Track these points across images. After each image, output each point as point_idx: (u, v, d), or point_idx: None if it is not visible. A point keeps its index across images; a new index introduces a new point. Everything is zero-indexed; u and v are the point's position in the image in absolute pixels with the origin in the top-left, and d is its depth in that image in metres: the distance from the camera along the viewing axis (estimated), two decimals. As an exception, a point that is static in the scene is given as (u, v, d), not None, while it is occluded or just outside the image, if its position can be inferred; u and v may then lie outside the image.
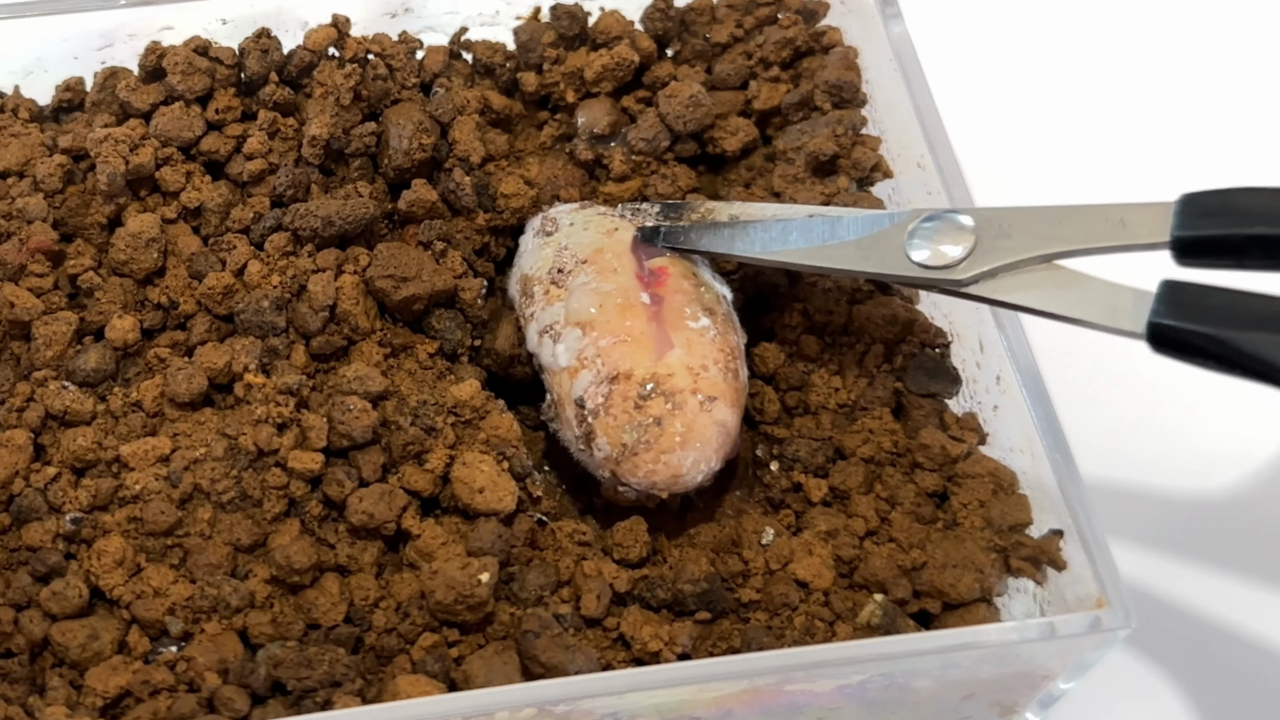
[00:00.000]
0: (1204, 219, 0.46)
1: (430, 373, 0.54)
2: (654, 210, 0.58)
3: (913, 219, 0.51)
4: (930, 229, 0.50)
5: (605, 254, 0.55)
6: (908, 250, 0.51)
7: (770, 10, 0.65)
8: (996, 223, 0.49)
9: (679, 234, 0.56)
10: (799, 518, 0.55)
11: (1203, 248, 0.46)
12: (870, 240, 0.52)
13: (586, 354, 0.53)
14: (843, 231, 0.52)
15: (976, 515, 0.53)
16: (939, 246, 0.50)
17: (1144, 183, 0.74)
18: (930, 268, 0.50)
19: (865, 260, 0.51)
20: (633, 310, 0.53)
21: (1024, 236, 0.49)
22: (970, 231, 0.50)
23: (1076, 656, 0.49)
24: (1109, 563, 0.49)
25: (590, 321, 0.53)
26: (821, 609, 0.51)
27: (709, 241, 0.55)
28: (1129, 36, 0.80)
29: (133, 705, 0.47)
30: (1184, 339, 0.45)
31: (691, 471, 0.52)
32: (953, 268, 0.50)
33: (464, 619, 0.49)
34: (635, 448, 0.52)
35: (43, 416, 0.52)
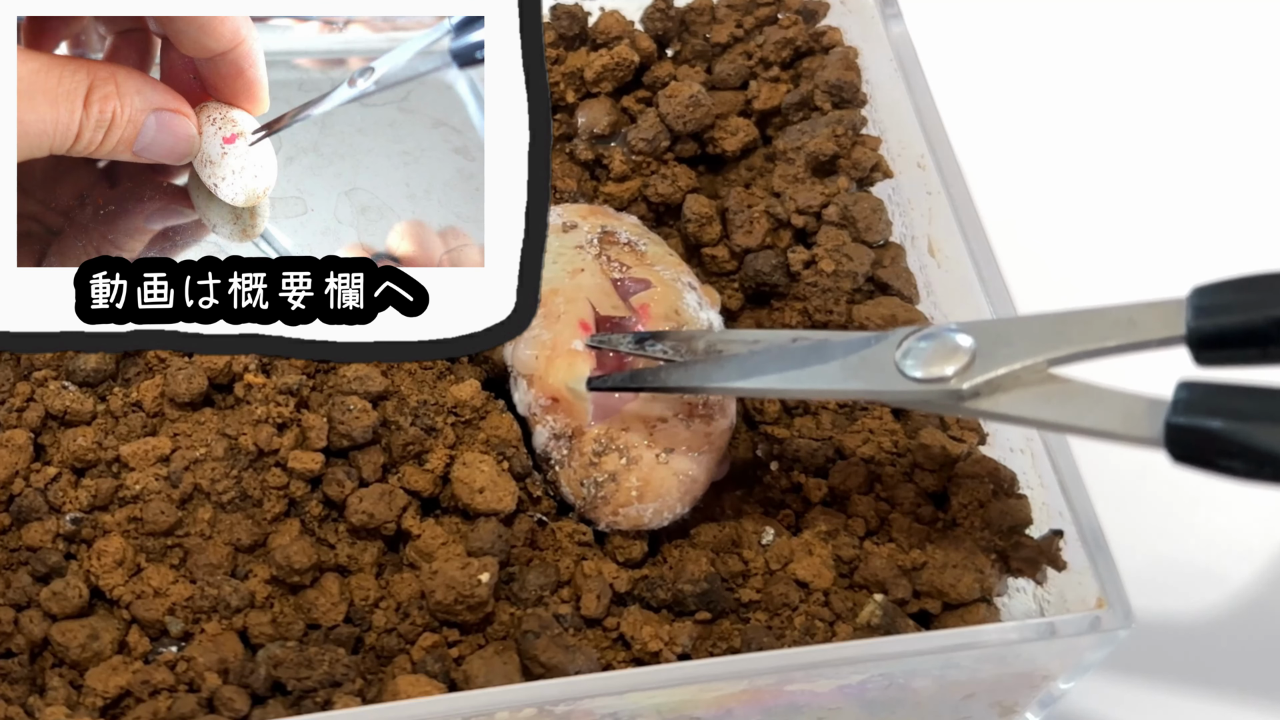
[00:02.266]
0: (1220, 308, 0.42)
1: (430, 373, 0.54)
2: (626, 341, 0.52)
3: (905, 336, 0.47)
4: (925, 347, 0.46)
5: (557, 296, 0.54)
6: (900, 366, 0.46)
7: (770, 10, 0.65)
8: (995, 332, 0.45)
9: (647, 376, 0.51)
10: (799, 518, 0.55)
11: (1222, 339, 0.42)
12: (857, 360, 0.47)
13: (534, 410, 0.53)
14: (828, 353, 0.48)
15: (976, 515, 0.53)
16: (934, 362, 0.46)
17: (1144, 182, 0.74)
18: (925, 381, 0.45)
19: (854, 379, 0.47)
20: (556, 364, 0.53)
21: (1026, 342, 0.45)
22: (967, 349, 0.45)
23: (1076, 656, 0.49)
24: (1109, 563, 0.49)
25: (531, 375, 0.53)
26: (821, 609, 0.51)
27: (680, 379, 0.50)
28: (1129, 36, 0.80)
29: (133, 705, 0.47)
30: (1205, 441, 0.41)
31: (654, 519, 0.53)
32: (950, 380, 0.45)
33: (464, 619, 0.49)
34: (594, 501, 0.52)
35: (43, 416, 0.52)
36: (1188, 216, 0.73)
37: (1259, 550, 0.63)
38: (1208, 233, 0.73)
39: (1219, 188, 0.74)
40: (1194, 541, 0.63)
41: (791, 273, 0.59)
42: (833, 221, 0.59)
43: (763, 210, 0.60)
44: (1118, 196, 0.74)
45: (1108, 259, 0.72)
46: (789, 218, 0.60)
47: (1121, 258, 0.72)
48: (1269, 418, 0.40)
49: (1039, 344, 0.44)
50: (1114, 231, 0.73)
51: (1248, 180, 0.74)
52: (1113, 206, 0.74)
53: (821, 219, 0.60)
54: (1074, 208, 0.74)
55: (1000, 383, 0.45)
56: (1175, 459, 0.41)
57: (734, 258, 0.61)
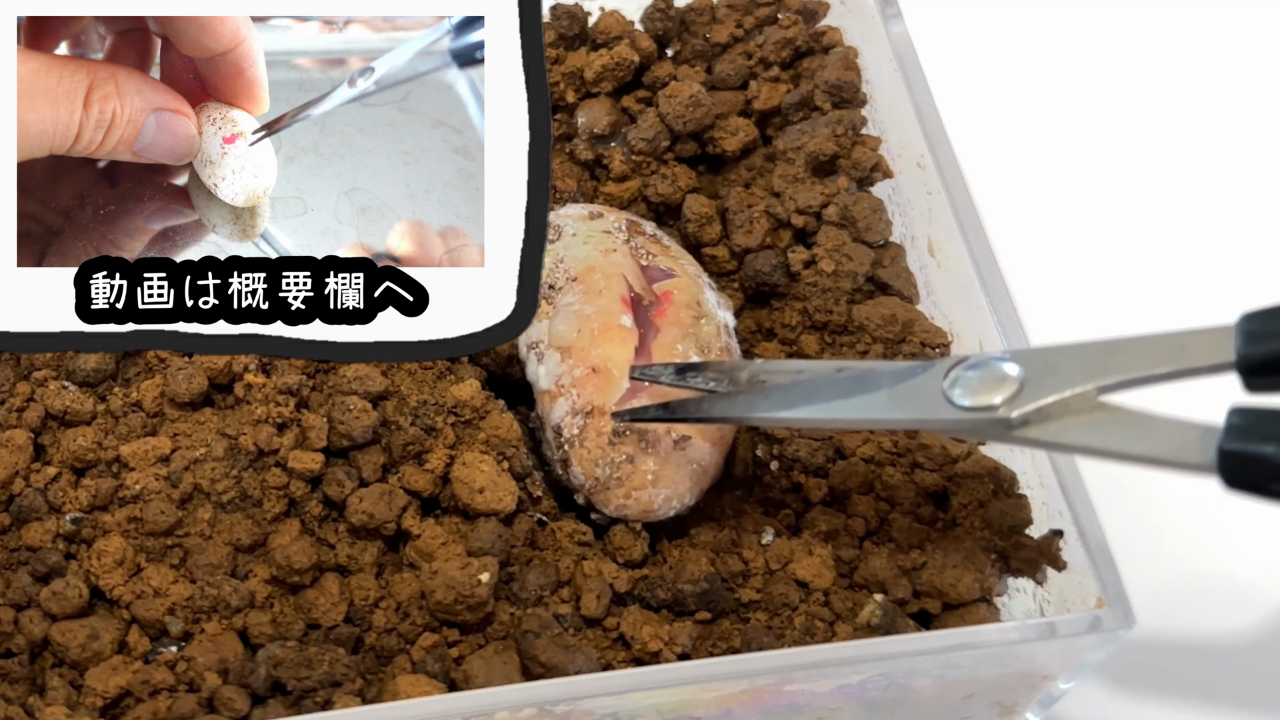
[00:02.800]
0: (1271, 335, 0.42)
1: (430, 373, 0.54)
2: (668, 373, 0.52)
3: (951, 365, 0.46)
4: (972, 376, 0.46)
5: (595, 273, 0.55)
6: (948, 395, 0.46)
7: (770, 10, 0.65)
8: (1043, 360, 0.45)
9: (689, 407, 0.51)
10: (799, 518, 0.55)
11: (1274, 366, 0.41)
12: (905, 389, 0.47)
13: (564, 381, 0.53)
14: (875, 383, 0.48)
15: (976, 515, 0.53)
16: (982, 391, 0.45)
17: (1146, 181, 0.74)
18: (974, 409, 0.45)
19: (901, 409, 0.47)
20: (608, 335, 0.53)
21: (1074, 370, 0.44)
22: (1015, 377, 0.45)
23: (1076, 656, 0.49)
24: (1109, 563, 0.49)
25: (569, 347, 0.53)
26: (821, 609, 0.51)
27: (723, 410, 0.50)
28: (1129, 35, 0.80)
29: (133, 705, 0.47)
30: (1259, 467, 0.40)
31: (663, 508, 0.53)
32: (999, 408, 0.45)
33: (464, 619, 0.49)
34: (607, 482, 0.52)
35: (43, 416, 0.52)
36: (1188, 215, 0.73)
37: (1260, 549, 0.63)
38: (1208, 231, 0.73)
39: (1221, 185, 0.74)
40: (1195, 541, 0.63)
41: (791, 273, 0.59)
42: (833, 221, 0.59)
43: (763, 210, 0.60)
44: (1118, 196, 0.74)
45: (1108, 258, 0.72)
46: (789, 218, 0.60)
47: (1122, 257, 0.72)
48: None
49: (1088, 371, 0.44)
50: (1114, 231, 0.73)
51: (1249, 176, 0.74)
52: (1113, 206, 0.73)
53: (821, 219, 0.60)
54: (1074, 207, 0.74)
55: (1049, 411, 0.44)
56: (1229, 485, 0.41)
57: (734, 258, 0.61)
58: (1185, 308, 0.69)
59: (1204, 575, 0.62)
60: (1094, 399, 0.44)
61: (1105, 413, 0.44)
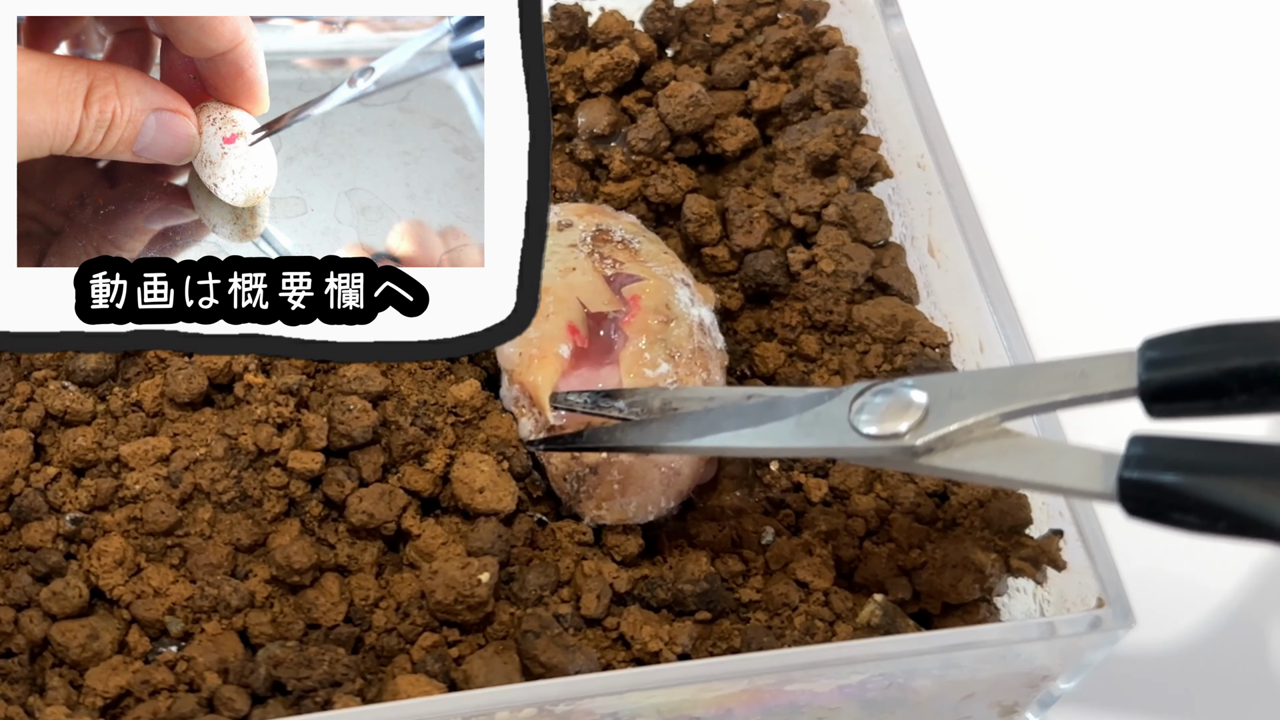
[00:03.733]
0: (1171, 361, 0.41)
1: (430, 373, 0.54)
2: (583, 401, 0.52)
3: (859, 392, 0.46)
4: (879, 403, 0.45)
5: (546, 296, 0.54)
6: (854, 423, 0.45)
7: (770, 10, 0.65)
8: (948, 387, 0.45)
9: (601, 436, 0.51)
10: (799, 518, 0.55)
11: (1175, 391, 0.41)
12: (811, 416, 0.47)
13: (518, 405, 0.53)
14: (783, 410, 0.47)
15: (976, 515, 0.53)
16: (887, 419, 0.45)
17: (1146, 181, 0.74)
18: (878, 437, 0.45)
19: (808, 436, 0.47)
20: (545, 362, 0.53)
21: (979, 396, 0.44)
22: (920, 404, 0.45)
23: (1076, 656, 0.49)
24: (1109, 563, 0.49)
25: (512, 370, 0.54)
26: (821, 609, 0.51)
27: (635, 438, 0.50)
28: (1130, 34, 0.80)
29: (133, 705, 0.47)
30: (1159, 495, 0.40)
31: (639, 514, 0.53)
32: (904, 436, 0.44)
33: (464, 619, 0.49)
34: (577, 495, 0.52)
35: (43, 416, 0.52)
36: (1188, 215, 0.73)
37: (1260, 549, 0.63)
38: (1208, 230, 0.73)
39: (1222, 183, 0.74)
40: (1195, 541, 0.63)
41: (791, 273, 0.59)
42: (833, 221, 0.59)
43: (763, 210, 0.60)
44: (1118, 195, 0.74)
45: (1108, 258, 0.72)
46: (789, 218, 0.60)
47: (1122, 256, 0.72)
48: (1221, 471, 0.40)
49: (991, 398, 0.44)
50: (1114, 230, 0.73)
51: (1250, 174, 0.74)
52: (1113, 205, 0.74)
53: (821, 219, 0.60)
54: (1074, 207, 0.74)
55: (953, 438, 0.44)
56: (1130, 513, 0.41)
57: (734, 258, 0.61)
58: (1186, 307, 0.69)
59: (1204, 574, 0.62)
60: (997, 425, 0.44)
61: (1009, 440, 0.44)
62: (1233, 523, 0.39)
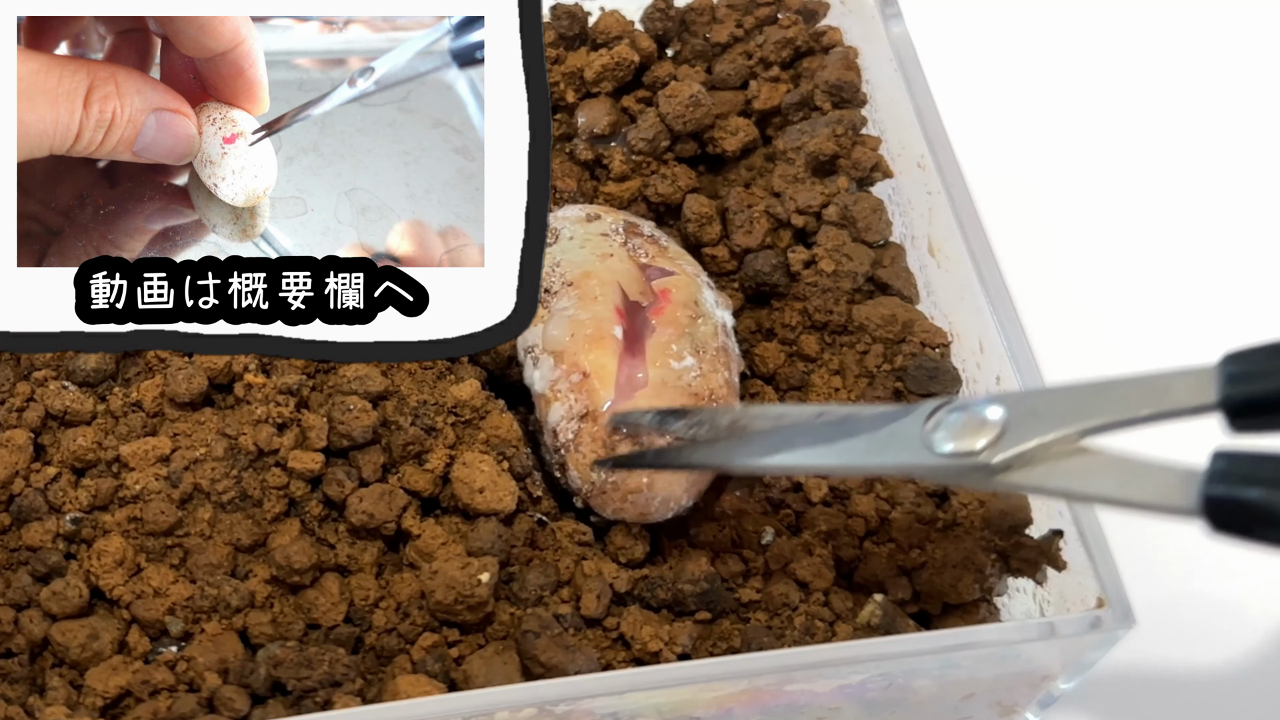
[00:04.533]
0: (1253, 376, 0.41)
1: (430, 373, 0.54)
2: (648, 419, 0.52)
3: (934, 409, 0.46)
4: (954, 420, 0.45)
5: (591, 279, 0.55)
6: (929, 441, 0.45)
7: (770, 10, 0.65)
8: (1025, 404, 0.44)
9: (669, 454, 0.51)
10: (799, 518, 0.55)
11: (1259, 406, 0.41)
12: (885, 434, 0.46)
13: (559, 386, 0.53)
14: (855, 428, 0.47)
15: (976, 515, 0.53)
16: (964, 436, 0.44)
17: (1147, 181, 0.74)
18: (955, 455, 0.44)
19: (881, 454, 0.46)
20: (602, 344, 0.53)
21: (1057, 413, 0.44)
22: (997, 422, 0.44)
23: (1076, 656, 0.49)
24: (1109, 563, 0.49)
25: (561, 352, 0.53)
26: (821, 609, 0.51)
27: (705, 457, 0.50)
28: (1130, 34, 0.80)
29: (133, 705, 0.47)
30: (1243, 511, 0.40)
31: (660, 510, 0.52)
32: (980, 454, 0.44)
33: (464, 619, 0.49)
34: (603, 486, 0.52)
35: (43, 416, 0.52)
36: (1188, 215, 0.73)
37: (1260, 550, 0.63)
38: (1209, 230, 0.73)
39: (1222, 184, 0.74)
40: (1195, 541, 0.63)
41: (791, 273, 0.59)
42: (833, 221, 0.59)
43: (763, 210, 0.60)
44: (1118, 195, 0.74)
45: (1109, 257, 0.72)
46: (789, 218, 0.60)
47: (1123, 256, 0.72)
48: None
49: (1070, 415, 0.44)
50: (1115, 229, 0.73)
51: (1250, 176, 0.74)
52: (1113, 205, 0.73)
53: (821, 219, 0.60)
54: (1074, 206, 0.74)
55: (1032, 455, 0.44)
56: (1215, 529, 0.41)
57: (734, 258, 0.61)
58: (1186, 307, 0.69)
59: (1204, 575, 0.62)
60: (1076, 442, 0.44)
61: (1088, 456, 0.43)
62: None
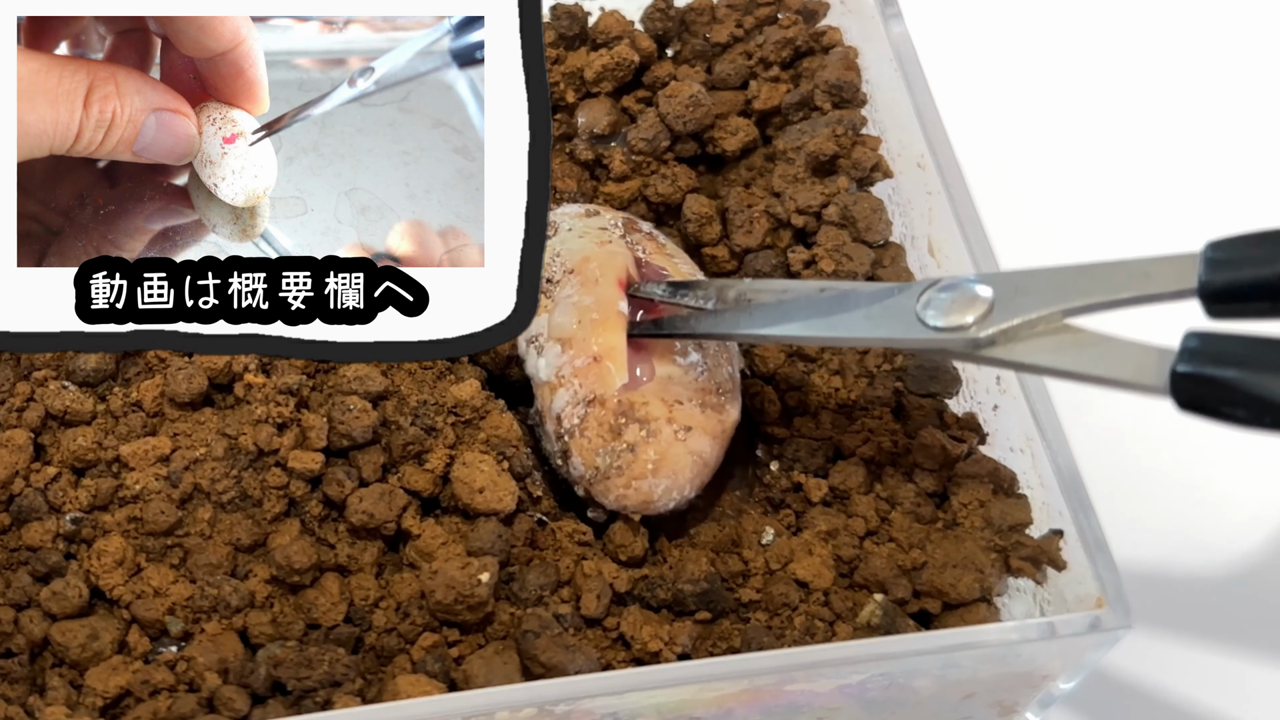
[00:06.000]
0: (1232, 263, 0.43)
1: (430, 373, 0.54)
2: (662, 289, 0.55)
3: (926, 286, 0.48)
4: (945, 298, 0.47)
5: (590, 263, 0.55)
6: (921, 315, 0.48)
7: (770, 10, 0.65)
8: (1013, 283, 0.47)
9: (678, 324, 0.54)
10: (799, 518, 0.55)
11: (1235, 292, 0.43)
12: (880, 309, 0.49)
13: (564, 372, 0.53)
14: (853, 303, 0.50)
15: (976, 515, 0.53)
16: (954, 311, 0.47)
17: (1145, 182, 0.74)
18: (945, 330, 0.47)
19: (875, 328, 0.49)
20: (609, 324, 0.53)
21: (1043, 292, 0.46)
22: (986, 299, 0.47)
23: (1076, 656, 0.49)
24: (1109, 563, 0.49)
25: (569, 338, 0.54)
26: (821, 609, 0.51)
27: (710, 326, 0.53)
28: (1129, 35, 0.80)
29: (133, 705, 0.48)
30: (1208, 388, 0.41)
31: (663, 498, 0.52)
32: (969, 328, 0.46)
33: (464, 619, 0.49)
34: (608, 471, 0.52)
35: (43, 416, 0.52)
36: (1189, 215, 0.73)
37: (1260, 550, 0.63)
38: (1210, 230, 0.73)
39: (1221, 185, 0.74)
40: (1195, 541, 0.63)
41: (791, 273, 0.59)
42: (833, 221, 0.59)
43: (763, 210, 0.60)
44: (1118, 195, 0.74)
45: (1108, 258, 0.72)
46: (789, 218, 0.60)
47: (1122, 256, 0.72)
48: (1272, 367, 0.41)
49: (1055, 295, 0.46)
50: (1116, 230, 0.73)
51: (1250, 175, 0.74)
52: (1113, 205, 0.74)
53: (821, 219, 0.60)
54: (1074, 206, 0.74)
55: (1016, 332, 0.46)
56: (1181, 407, 0.42)
57: (734, 258, 0.61)
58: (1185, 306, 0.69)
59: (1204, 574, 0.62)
60: (1059, 321, 0.46)
61: (1069, 335, 0.45)
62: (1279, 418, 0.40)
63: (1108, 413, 0.64)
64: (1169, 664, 0.60)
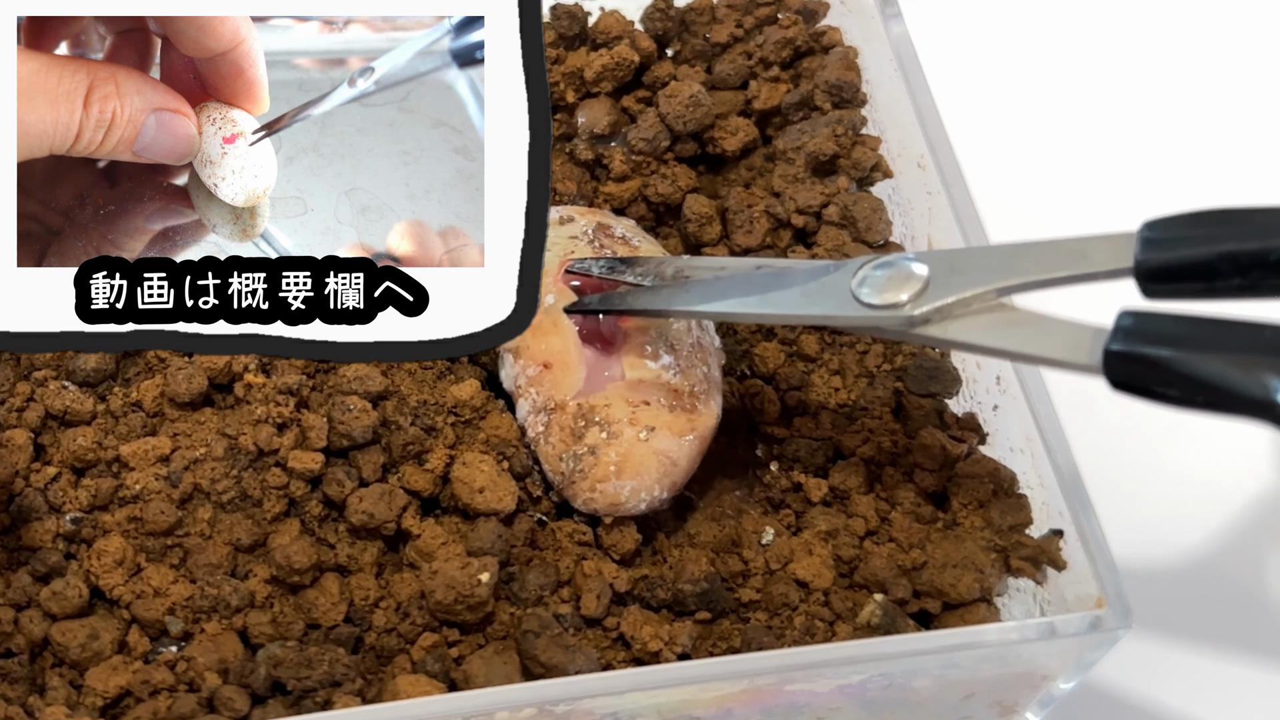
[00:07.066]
0: (1168, 243, 0.42)
1: (430, 373, 0.54)
2: (600, 265, 0.54)
3: (862, 264, 0.48)
4: (881, 275, 0.47)
5: (547, 276, 0.54)
6: (856, 293, 0.47)
7: (770, 10, 0.65)
8: (949, 261, 0.46)
9: (615, 299, 0.53)
10: (799, 518, 0.55)
11: (1169, 273, 0.42)
12: (815, 286, 0.48)
13: (520, 382, 0.53)
14: (789, 280, 0.49)
15: (976, 515, 0.53)
16: (889, 289, 0.47)
17: (1145, 180, 0.74)
18: (879, 307, 0.47)
19: (811, 305, 0.48)
20: (555, 329, 0.53)
21: (978, 271, 0.46)
22: (921, 277, 0.46)
23: (1076, 656, 0.49)
24: (1109, 563, 0.49)
25: (516, 348, 0.54)
26: (821, 609, 0.51)
27: (647, 302, 0.52)
28: (1129, 35, 0.80)
29: (133, 705, 0.48)
30: (1141, 367, 0.41)
31: (631, 500, 0.52)
32: (904, 306, 0.46)
33: (464, 619, 0.49)
34: (572, 475, 0.52)
35: (43, 416, 0.52)
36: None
37: (1260, 550, 0.63)
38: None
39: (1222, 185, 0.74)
40: (1195, 541, 0.63)
41: (791, 273, 0.59)
42: (833, 221, 0.59)
43: (763, 210, 0.60)
44: (1118, 195, 0.74)
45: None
46: (789, 218, 0.60)
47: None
48: (1204, 346, 0.40)
49: (991, 273, 0.46)
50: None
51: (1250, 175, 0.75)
52: (1113, 205, 0.74)
53: (821, 219, 0.60)
54: (1074, 207, 0.74)
55: (951, 310, 0.46)
56: (1114, 385, 0.42)
57: (734, 258, 0.61)
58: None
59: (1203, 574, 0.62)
60: (994, 300, 0.46)
61: (1003, 313, 0.45)
62: (1211, 397, 0.40)
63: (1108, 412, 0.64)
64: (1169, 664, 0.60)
